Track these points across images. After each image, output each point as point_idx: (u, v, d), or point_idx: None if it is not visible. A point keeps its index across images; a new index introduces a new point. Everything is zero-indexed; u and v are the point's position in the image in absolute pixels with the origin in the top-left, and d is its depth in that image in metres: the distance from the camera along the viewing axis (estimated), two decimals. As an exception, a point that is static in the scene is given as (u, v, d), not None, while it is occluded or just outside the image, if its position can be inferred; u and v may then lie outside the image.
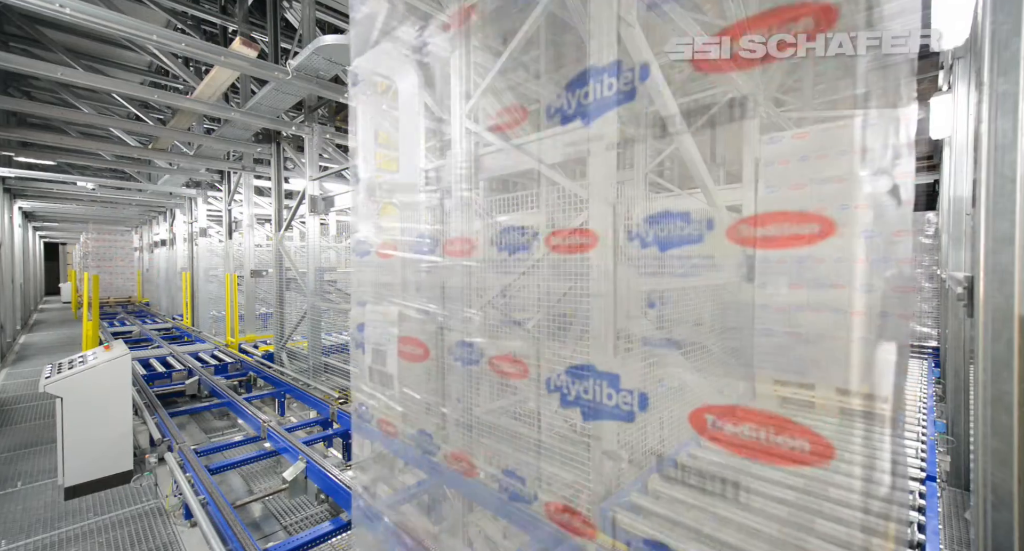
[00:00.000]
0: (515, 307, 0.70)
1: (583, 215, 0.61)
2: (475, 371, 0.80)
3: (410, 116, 1.01)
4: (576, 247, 0.62)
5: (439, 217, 0.89)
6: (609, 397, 0.57)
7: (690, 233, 0.51)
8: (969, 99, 3.56)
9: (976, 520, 1.58)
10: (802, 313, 0.36)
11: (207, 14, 5.70)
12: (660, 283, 0.48)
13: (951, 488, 3.61)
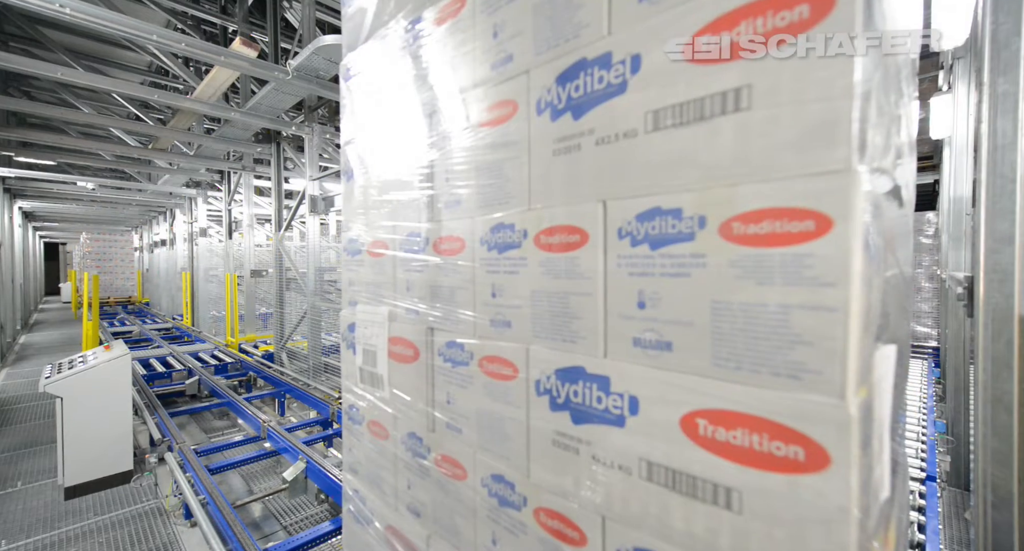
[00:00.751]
0: (505, 306, 0.71)
1: (572, 211, 0.64)
2: (465, 372, 0.80)
3: (404, 111, 1.01)
4: (564, 245, 0.63)
5: (431, 215, 0.89)
6: (599, 400, 0.57)
7: (681, 230, 0.52)
8: (969, 99, 3.56)
9: (976, 520, 1.58)
10: (793, 313, 0.38)
11: (207, 14, 5.70)
12: (651, 283, 0.51)
13: (951, 488, 3.61)
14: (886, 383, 0.55)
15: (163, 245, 13.67)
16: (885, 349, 0.53)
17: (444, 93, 0.85)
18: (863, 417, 0.46)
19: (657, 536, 0.56)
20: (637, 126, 0.60)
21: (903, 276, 0.70)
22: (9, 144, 6.69)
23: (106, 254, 14.80)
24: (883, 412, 0.54)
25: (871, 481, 0.48)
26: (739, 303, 0.52)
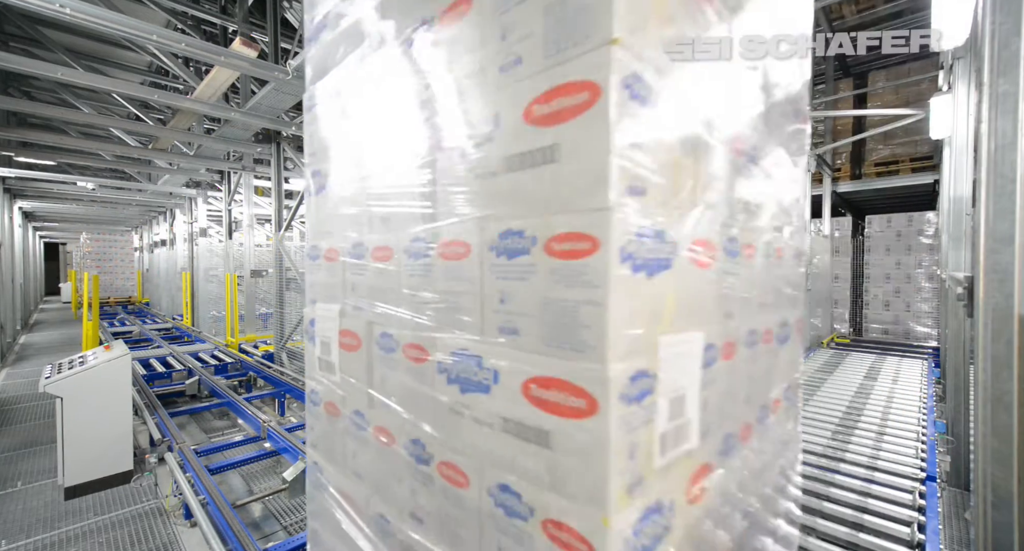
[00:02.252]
0: (420, 302, 0.92)
1: (460, 229, 0.88)
2: (393, 358, 1.00)
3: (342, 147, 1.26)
4: (456, 255, 0.87)
5: (369, 228, 1.09)
6: (475, 374, 0.78)
7: (524, 246, 0.74)
8: (969, 99, 3.56)
9: (976, 520, 1.58)
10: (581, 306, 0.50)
11: (207, 14, 5.70)
12: (507, 284, 0.66)
13: (951, 488, 3.61)
14: (684, 360, 0.79)
15: (163, 245, 13.67)
16: (679, 336, 0.78)
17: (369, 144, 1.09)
18: (626, 379, 0.66)
19: (511, 473, 0.77)
20: (498, 168, 0.79)
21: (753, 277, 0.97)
22: (9, 144, 6.69)
23: (106, 254, 14.80)
24: (679, 380, 0.77)
25: (642, 426, 0.69)
26: (556, 299, 0.70)
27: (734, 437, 0.98)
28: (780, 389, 1.23)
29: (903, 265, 6.98)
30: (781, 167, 1.19)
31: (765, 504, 1.11)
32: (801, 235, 1.39)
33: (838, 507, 2.20)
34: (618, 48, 0.65)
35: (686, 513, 0.80)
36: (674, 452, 0.77)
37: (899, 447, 2.86)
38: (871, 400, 3.82)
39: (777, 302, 1.20)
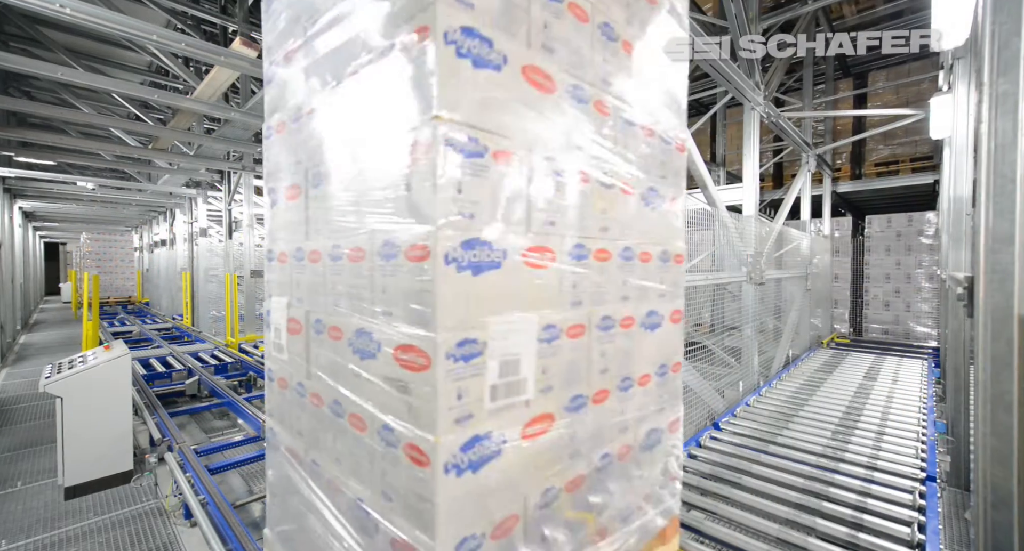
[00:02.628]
0: (340, 295, 1.16)
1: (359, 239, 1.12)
2: (322, 338, 1.23)
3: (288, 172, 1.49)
4: (357, 259, 1.12)
5: (306, 235, 1.32)
6: (368, 345, 1.05)
7: (394, 252, 1.01)
8: (969, 99, 3.56)
9: (976, 520, 1.58)
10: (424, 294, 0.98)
11: (207, 14, 5.70)
12: (386, 280, 1.02)
13: (951, 488, 3.61)
14: (515, 334, 1.02)
15: (163, 245, 13.67)
16: (510, 316, 1.01)
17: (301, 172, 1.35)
18: (453, 344, 0.90)
19: (391, 413, 1.00)
20: (378, 194, 1.07)
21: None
22: (9, 144, 6.69)
23: (106, 254, 14.80)
24: (510, 348, 1.01)
25: (469, 378, 0.93)
26: (411, 290, 0.94)
27: (585, 398, 1.23)
28: (652, 367, 1.50)
29: (903, 265, 6.98)
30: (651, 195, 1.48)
31: (631, 457, 1.41)
32: (678, 244, 1.64)
33: (838, 507, 2.20)
34: (441, 124, 0.88)
35: (520, 446, 1.05)
36: (506, 400, 1.02)
37: (899, 447, 2.85)
38: (871, 400, 3.82)
39: (642, 296, 1.44)
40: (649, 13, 1.44)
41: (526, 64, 1.05)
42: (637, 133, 1.41)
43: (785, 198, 5.24)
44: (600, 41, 1.27)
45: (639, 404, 1.44)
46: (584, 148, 1.21)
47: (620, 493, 1.36)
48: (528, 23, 1.06)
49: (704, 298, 3.89)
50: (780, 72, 5.20)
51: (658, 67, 1.51)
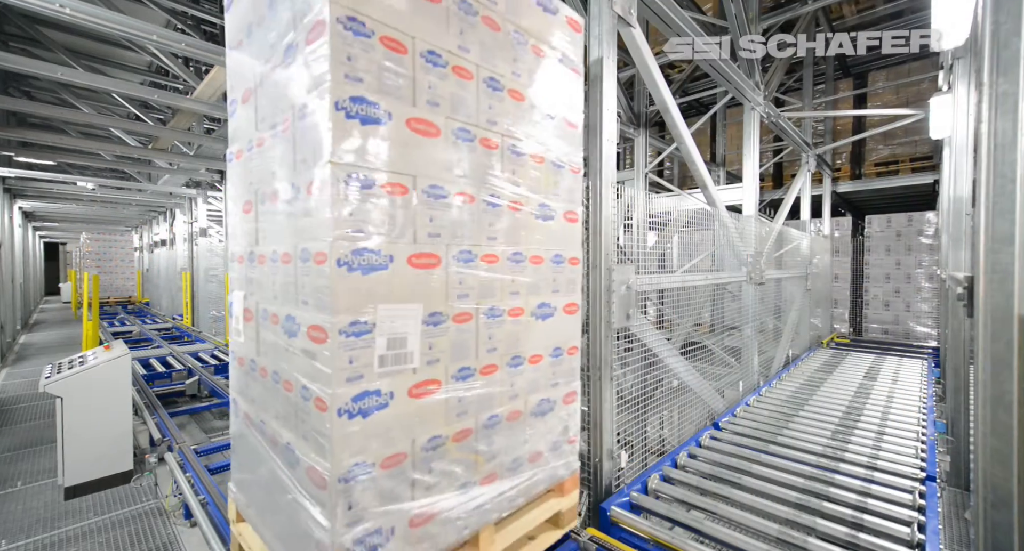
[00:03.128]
0: (275, 289, 1.48)
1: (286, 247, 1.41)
2: (266, 323, 1.52)
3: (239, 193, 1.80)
4: (287, 261, 1.40)
5: (256, 240, 1.61)
6: (290, 327, 1.36)
7: (308, 257, 1.30)
8: (969, 99, 3.56)
9: (976, 520, 1.58)
10: (324, 290, 1.27)
11: (207, 14, 5.69)
12: (304, 278, 1.31)
13: (951, 488, 3.61)
14: (401, 319, 1.31)
15: (163, 245, 13.67)
16: (397, 305, 1.30)
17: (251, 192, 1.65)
18: (346, 324, 1.19)
19: (306, 378, 1.29)
20: (296, 214, 1.40)
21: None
22: (9, 144, 6.69)
23: (106, 254, 14.78)
24: (397, 329, 1.30)
25: (360, 349, 1.22)
26: (318, 285, 1.24)
27: (472, 370, 1.54)
28: (544, 349, 1.82)
29: (903, 265, 6.98)
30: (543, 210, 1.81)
31: (521, 420, 1.72)
32: (573, 249, 1.97)
33: (838, 507, 2.20)
34: (334, 167, 1.18)
35: (407, 402, 1.35)
36: (393, 367, 1.31)
37: (899, 447, 2.85)
38: (871, 400, 3.82)
39: (533, 291, 1.76)
40: (536, 65, 1.77)
41: (410, 117, 1.35)
42: (527, 161, 1.74)
43: (785, 198, 5.24)
44: (486, 92, 1.58)
45: (530, 379, 1.76)
46: (469, 176, 1.52)
47: (509, 447, 1.68)
48: (413, 86, 1.36)
49: (704, 298, 3.89)
50: (780, 72, 5.20)
51: (550, 106, 1.84)
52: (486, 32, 1.59)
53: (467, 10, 1.53)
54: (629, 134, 5.26)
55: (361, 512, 1.24)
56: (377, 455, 1.28)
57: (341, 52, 1.19)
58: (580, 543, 1.93)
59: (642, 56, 2.62)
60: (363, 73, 1.24)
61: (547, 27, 1.83)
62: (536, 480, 1.79)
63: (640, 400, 2.74)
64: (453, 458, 1.48)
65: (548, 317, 1.84)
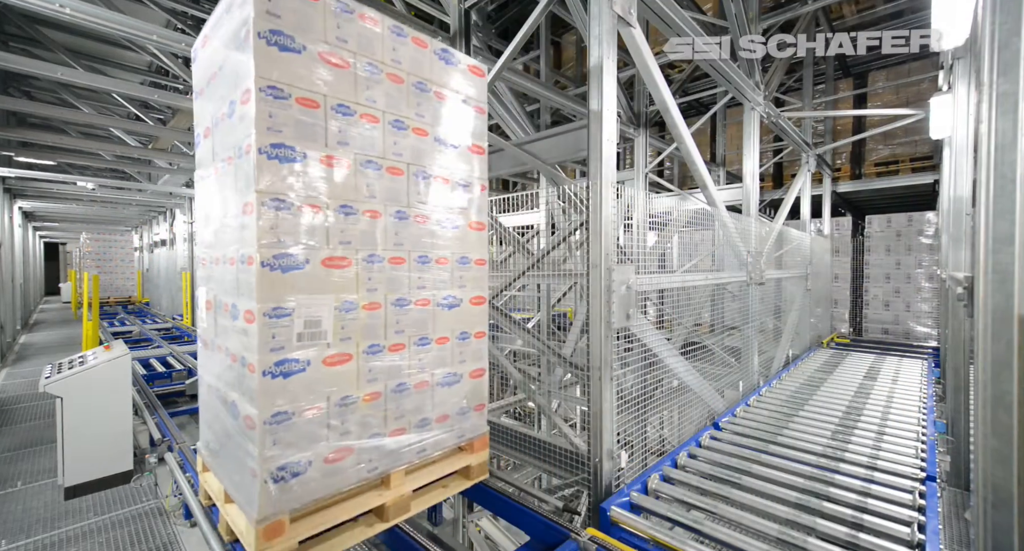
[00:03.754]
0: (225, 285, 1.80)
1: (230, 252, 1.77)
2: (220, 311, 1.85)
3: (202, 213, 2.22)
4: (230, 263, 1.75)
5: (213, 244, 1.94)
6: (233, 311, 1.72)
7: (245, 260, 1.66)
8: (969, 99, 3.56)
9: (976, 520, 1.58)
10: (247, 282, 1.67)
11: (207, 14, 5.69)
12: (242, 276, 1.64)
13: (951, 488, 3.61)
14: (317, 305, 1.68)
15: (163, 245, 13.67)
16: (311, 295, 1.67)
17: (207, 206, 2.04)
18: (269, 308, 1.56)
19: (244, 349, 1.62)
20: (236, 226, 1.76)
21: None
22: (9, 144, 6.69)
23: (106, 254, 14.77)
24: (313, 313, 1.67)
25: (280, 328, 1.59)
26: (247, 281, 1.63)
27: (382, 347, 1.90)
28: (451, 333, 2.18)
29: (903, 265, 6.98)
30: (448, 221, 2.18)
31: (428, 389, 2.09)
32: (478, 252, 2.32)
33: (838, 507, 2.20)
34: (259, 195, 1.56)
35: (322, 369, 1.70)
36: (310, 342, 1.66)
37: (899, 447, 2.85)
38: (871, 400, 3.82)
39: (438, 286, 2.13)
40: (439, 106, 2.14)
41: (322, 156, 1.72)
42: (433, 183, 2.11)
43: (785, 198, 5.24)
44: (392, 131, 1.95)
45: (436, 356, 2.13)
46: (377, 196, 1.90)
47: (416, 409, 2.05)
48: (325, 132, 1.73)
49: (704, 298, 3.89)
50: (780, 72, 5.20)
51: (455, 138, 2.20)
52: (391, 85, 1.97)
53: (373, 71, 1.91)
54: (629, 134, 5.26)
55: (284, 448, 1.62)
56: (296, 406, 1.65)
57: (264, 112, 1.58)
58: (580, 543, 1.94)
59: (642, 56, 2.62)
60: (282, 126, 1.62)
61: (448, 76, 2.20)
62: (443, 438, 2.17)
63: (640, 400, 2.74)
64: (364, 413, 1.86)
65: (454, 307, 2.22)
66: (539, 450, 2.82)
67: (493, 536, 4.02)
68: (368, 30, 1.92)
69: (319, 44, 1.77)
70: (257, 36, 1.60)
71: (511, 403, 3.58)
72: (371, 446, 1.89)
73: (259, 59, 1.59)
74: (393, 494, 1.94)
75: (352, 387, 1.81)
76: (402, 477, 2.00)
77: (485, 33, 6.01)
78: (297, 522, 1.70)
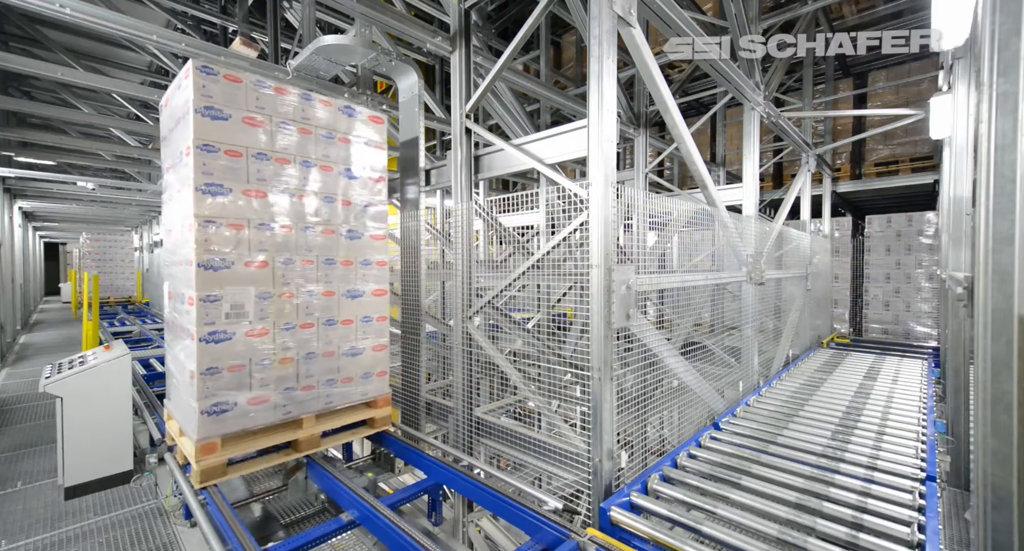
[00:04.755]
0: (182, 282, 2.48)
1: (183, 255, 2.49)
2: (182, 300, 2.53)
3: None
4: (187, 264, 2.40)
5: (171, 253, 2.68)
6: (183, 298, 2.48)
7: (187, 263, 2.44)
8: (969, 99, 3.56)
9: (976, 520, 1.58)
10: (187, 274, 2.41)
11: (207, 14, 5.69)
12: (198, 275, 2.29)
13: (951, 488, 3.61)
14: (240, 292, 2.45)
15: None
16: (235, 287, 2.42)
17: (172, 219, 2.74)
18: (204, 295, 2.34)
19: (191, 324, 2.35)
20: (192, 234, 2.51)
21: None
22: (9, 144, 6.69)
23: (106, 254, 14.76)
24: (237, 299, 2.43)
25: (213, 309, 2.35)
26: (191, 277, 2.37)
27: (294, 325, 2.63)
28: (354, 317, 2.93)
29: (903, 265, 6.98)
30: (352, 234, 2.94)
31: (335, 358, 2.83)
32: (379, 256, 3.10)
33: (838, 507, 2.20)
34: (196, 218, 2.30)
35: (245, 339, 2.43)
36: (235, 320, 2.40)
37: (899, 447, 2.85)
38: (871, 400, 3.82)
39: (343, 281, 2.88)
40: (343, 149, 2.91)
41: (244, 189, 2.45)
42: (337, 205, 2.87)
43: (785, 198, 5.24)
44: (302, 169, 2.71)
45: (342, 333, 2.87)
46: (290, 216, 2.64)
47: (325, 372, 2.79)
48: (247, 173, 2.47)
49: (704, 298, 3.89)
50: (780, 72, 5.20)
51: (357, 171, 2.97)
52: (301, 136, 2.71)
53: (284, 127, 2.63)
54: (629, 134, 5.26)
55: (214, 392, 2.35)
56: (225, 363, 2.37)
57: (200, 162, 2.31)
58: (580, 543, 1.93)
59: (642, 56, 2.62)
60: (213, 170, 2.36)
61: (351, 125, 2.96)
62: (348, 394, 2.93)
63: (640, 400, 2.73)
64: (280, 372, 2.59)
65: (358, 297, 2.98)
66: (539, 450, 2.82)
67: (493, 536, 4.02)
68: (281, 99, 2.63)
69: (242, 112, 2.46)
70: (195, 111, 2.29)
71: (511, 403, 3.58)
72: (285, 396, 2.63)
73: (196, 127, 2.30)
74: (305, 432, 2.70)
75: (269, 353, 2.55)
76: (313, 421, 2.76)
77: (485, 33, 6.01)
78: (227, 446, 2.42)
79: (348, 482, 2.75)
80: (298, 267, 2.65)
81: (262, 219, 2.51)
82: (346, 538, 2.95)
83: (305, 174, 2.70)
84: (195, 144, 2.25)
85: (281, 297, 2.55)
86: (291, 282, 2.61)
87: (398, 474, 3.69)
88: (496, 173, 3.18)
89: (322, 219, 2.79)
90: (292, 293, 2.61)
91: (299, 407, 2.67)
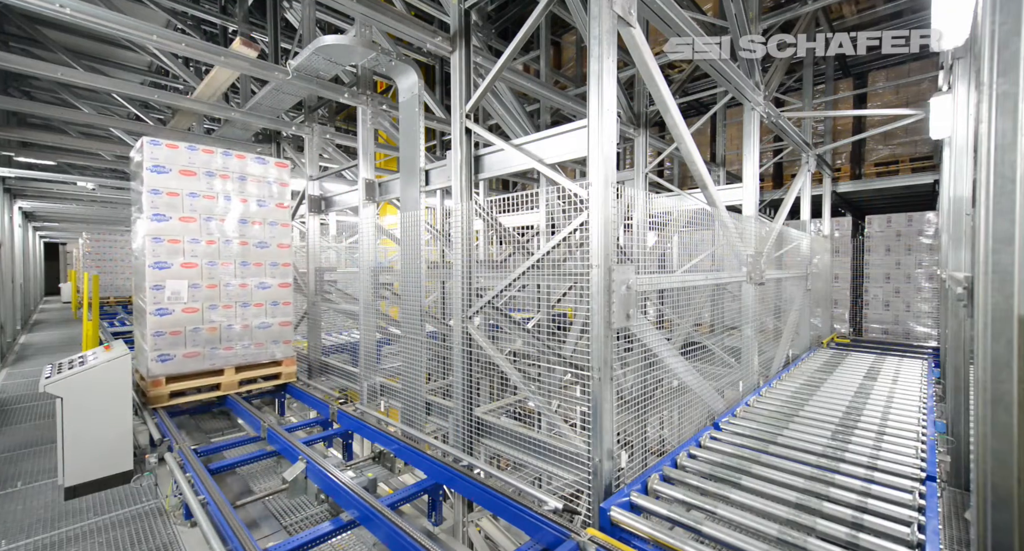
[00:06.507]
0: (145, 278, 3.91)
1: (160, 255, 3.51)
2: (144, 290, 3.85)
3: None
4: (143, 266, 3.98)
5: (152, 255, 4.08)
6: (145, 288, 3.91)
7: (163, 265, 4.10)
8: (969, 99, 3.56)
9: (976, 520, 1.58)
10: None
11: (207, 14, 5.70)
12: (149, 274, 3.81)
13: (951, 488, 3.61)
14: (175, 285, 4.08)
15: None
16: (168, 281, 4.05)
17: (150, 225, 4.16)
18: (152, 285, 3.99)
19: (151, 305, 3.98)
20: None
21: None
22: (9, 144, 6.69)
23: (106, 254, 14.76)
24: (176, 288, 4.09)
25: (159, 294, 4.00)
26: (147, 274, 4.02)
27: (218, 305, 4.28)
28: (264, 301, 4.56)
29: (903, 265, 6.98)
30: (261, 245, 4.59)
31: (250, 329, 4.50)
32: (283, 259, 4.79)
33: (838, 507, 2.20)
34: (147, 236, 3.97)
35: (181, 314, 4.10)
36: (176, 301, 4.07)
37: (899, 447, 2.85)
38: (871, 400, 3.82)
39: (256, 277, 4.52)
40: (255, 186, 4.54)
41: (180, 217, 4.08)
42: (251, 225, 4.49)
43: (785, 198, 5.24)
44: (224, 201, 4.33)
45: (254, 313, 4.48)
46: (214, 233, 4.25)
47: (241, 337, 4.41)
48: (183, 205, 4.09)
49: (704, 298, 3.89)
50: (780, 72, 5.20)
51: (266, 200, 4.59)
52: (223, 180, 4.29)
53: (211, 175, 4.22)
54: (629, 134, 5.26)
55: (161, 347, 3.97)
56: (169, 329, 3.98)
57: (150, 200, 3.93)
58: (580, 543, 1.94)
59: (642, 56, 2.62)
60: (159, 205, 3.96)
61: (263, 170, 4.57)
62: (258, 355, 4.54)
63: (640, 400, 2.74)
64: (207, 337, 4.18)
65: (267, 287, 4.57)
66: (539, 450, 2.82)
67: (493, 536, 4.02)
68: (207, 156, 4.19)
69: (178, 166, 4.04)
70: (145, 168, 3.91)
71: (511, 403, 3.58)
72: (211, 353, 4.22)
73: (147, 179, 3.91)
74: (226, 379, 4.31)
75: (199, 323, 4.13)
76: (232, 372, 4.35)
77: (485, 33, 6.01)
78: (170, 383, 4.02)
79: (348, 482, 2.75)
80: (219, 268, 4.23)
81: (193, 236, 4.09)
82: (346, 538, 2.95)
83: (227, 206, 4.28)
84: (147, 189, 3.90)
85: (207, 287, 4.16)
86: (215, 277, 4.21)
87: (398, 474, 3.69)
88: (496, 173, 3.18)
89: (239, 235, 4.35)
90: (216, 284, 4.22)
91: (222, 361, 4.28)
